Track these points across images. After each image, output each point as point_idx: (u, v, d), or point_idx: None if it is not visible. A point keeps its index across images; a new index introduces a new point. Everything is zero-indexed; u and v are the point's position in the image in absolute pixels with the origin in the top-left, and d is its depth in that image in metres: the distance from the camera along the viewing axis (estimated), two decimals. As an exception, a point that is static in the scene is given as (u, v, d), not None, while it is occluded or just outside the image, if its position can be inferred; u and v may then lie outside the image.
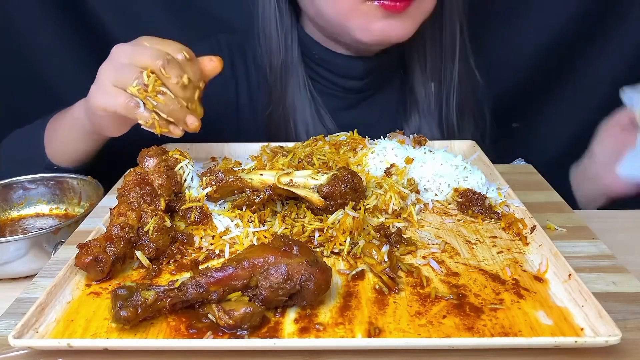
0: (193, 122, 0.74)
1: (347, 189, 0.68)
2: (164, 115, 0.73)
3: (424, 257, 0.65)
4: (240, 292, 0.55)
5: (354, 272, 0.61)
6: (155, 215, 0.65)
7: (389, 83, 1.12)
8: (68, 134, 0.93)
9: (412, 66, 1.10)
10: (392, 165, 0.82)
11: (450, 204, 0.78)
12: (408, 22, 0.95)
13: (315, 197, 0.67)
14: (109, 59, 0.76)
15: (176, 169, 0.73)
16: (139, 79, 0.71)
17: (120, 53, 0.75)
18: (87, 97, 0.80)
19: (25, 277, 0.76)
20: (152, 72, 0.71)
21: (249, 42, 1.10)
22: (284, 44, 1.05)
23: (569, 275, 0.58)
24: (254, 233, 0.68)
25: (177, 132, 0.75)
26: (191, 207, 0.70)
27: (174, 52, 0.74)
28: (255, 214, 0.70)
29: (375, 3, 0.90)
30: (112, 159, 0.96)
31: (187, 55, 0.74)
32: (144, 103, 0.72)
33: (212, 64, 0.77)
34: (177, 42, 0.76)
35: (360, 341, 0.51)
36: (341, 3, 0.94)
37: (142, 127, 0.74)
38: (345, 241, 0.66)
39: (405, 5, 0.91)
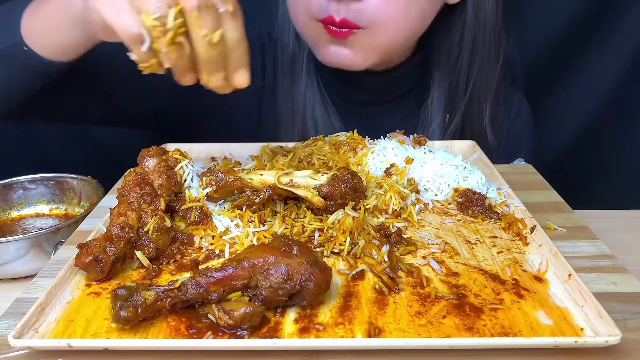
0: (243, 78, 0.62)
1: (347, 189, 0.68)
2: (166, 65, 0.60)
3: (424, 257, 0.65)
4: (240, 292, 0.55)
5: (354, 272, 0.61)
6: (155, 215, 0.65)
7: (400, 99, 1.09)
8: (55, 15, 0.77)
9: (432, 89, 1.07)
10: (392, 165, 0.82)
11: (450, 204, 0.78)
12: (358, 53, 0.92)
13: (315, 198, 0.67)
14: None
15: (176, 169, 0.73)
16: (161, 13, 0.56)
17: None
18: None
19: (25, 277, 0.77)
20: (180, 13, 0.56)
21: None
22: (298, 44, 1.05)
23: (569, 275, 0.58)
24: (254, 233, 0.68)
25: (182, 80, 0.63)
26: (191, 207, 0.70)
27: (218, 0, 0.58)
28: (255, 214, 0.70)
29: (321, 24, 0.89)
30: (112, 159, 0.96)
31: (230, 8, 0.58)
32: (151, 41, 0.58)
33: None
34: None
35: (360, 341, 0.51)
36: (298, 17, 0.94)
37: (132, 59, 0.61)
38: (345, 241, 0.66)
39: (347, 34, 0.88)
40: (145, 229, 0.64)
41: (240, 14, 0.60)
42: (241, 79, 0.63)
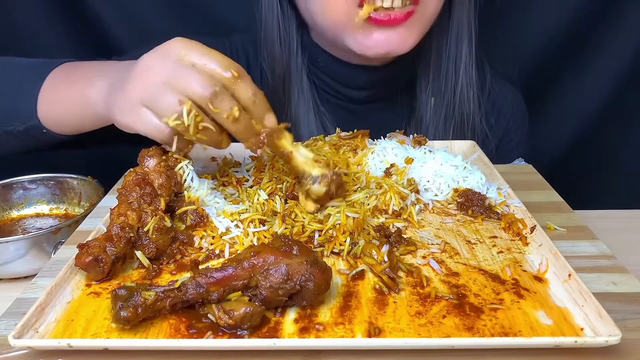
0: (270, 120, 0.68)
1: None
2: (205, 145, 0.67)
3: (424, 257, 0.65)
4: (240, 292, 0.55)
5: (354, 272, 0.61)
6: (155, 215, 0.65)
7: (396, 95, 1.09)
8: (74, 109, 0.81)
9: (419, 79, 1.07)
10: (392, 165, 0.82)
11: (450, 204, 0.78)
12: (409, 33, 0.91)
13: (315, 188, 0.70)
14: (140, 72, 0.64)
15: (176, 169, 0.73)
16: (178, 114, 0.61)
17: (156, 69, 0.63)
18: (109, 103, 0.71)
19: (25, 277, 0.77)
20: (194, 106, 0.61)
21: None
22: (287, 50, 1.04)
23: (569, 275, 0.58)
24: (254, 233, 0.68)
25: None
26: (187, 210, 0.69)
27: (220, 69, 0.62)
28: (256, 215, 0.70)
29: (371, 20, 0.87)
30: (112, 159, 0.96)
31: (235, 73, 0.63)
32: (180, 137, 0.65)
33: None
34: (222, 55, 0.64)
35: (360, 341, 0.51)
36: (334, 16, 0.91)
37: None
38: (345, 241, 0.66)
39: (404, 18, 0.87)
40: (145, 229, 0.64)
41: (244, 72, 0.65)
42: (269, 121, 0.68)
